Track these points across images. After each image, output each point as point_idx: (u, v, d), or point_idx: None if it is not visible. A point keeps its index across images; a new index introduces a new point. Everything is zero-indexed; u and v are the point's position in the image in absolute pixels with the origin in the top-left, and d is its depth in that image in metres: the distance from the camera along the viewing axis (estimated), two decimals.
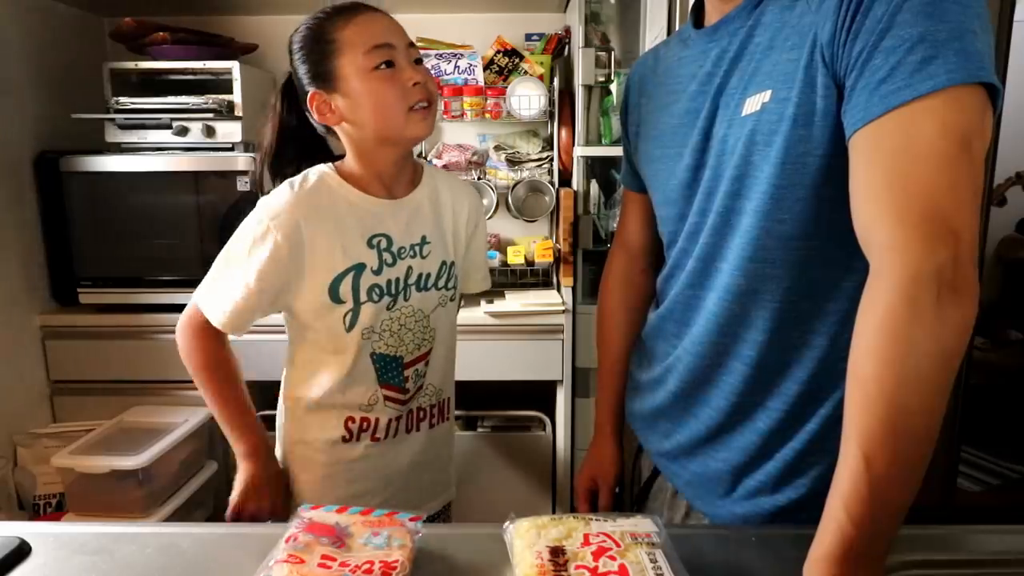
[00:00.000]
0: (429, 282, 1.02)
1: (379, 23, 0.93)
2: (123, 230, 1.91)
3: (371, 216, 0.97)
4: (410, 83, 0.92)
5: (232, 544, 0.73)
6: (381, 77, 0.91)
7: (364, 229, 0.96)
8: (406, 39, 0.95)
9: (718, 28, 0.76)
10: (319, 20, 0.94)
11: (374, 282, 0.96)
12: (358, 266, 0.95)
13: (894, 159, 0.58)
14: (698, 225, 0.79)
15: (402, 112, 0.92)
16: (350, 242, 0.94)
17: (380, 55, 0.91)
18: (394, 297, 0.98)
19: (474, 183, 2.11)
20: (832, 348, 0.70)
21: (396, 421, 1.02)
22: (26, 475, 1.85)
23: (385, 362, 0.99)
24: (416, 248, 1.00)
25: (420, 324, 1.01)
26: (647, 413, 0.92)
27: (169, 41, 1.93)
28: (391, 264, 0.97)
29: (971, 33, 0.57)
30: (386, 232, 0.97)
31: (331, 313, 0.95)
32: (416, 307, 1.00)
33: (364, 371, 0.98)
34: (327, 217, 0.93)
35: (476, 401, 2.14)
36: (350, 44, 0.91)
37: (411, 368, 1.01)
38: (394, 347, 0.99)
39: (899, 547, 0.59)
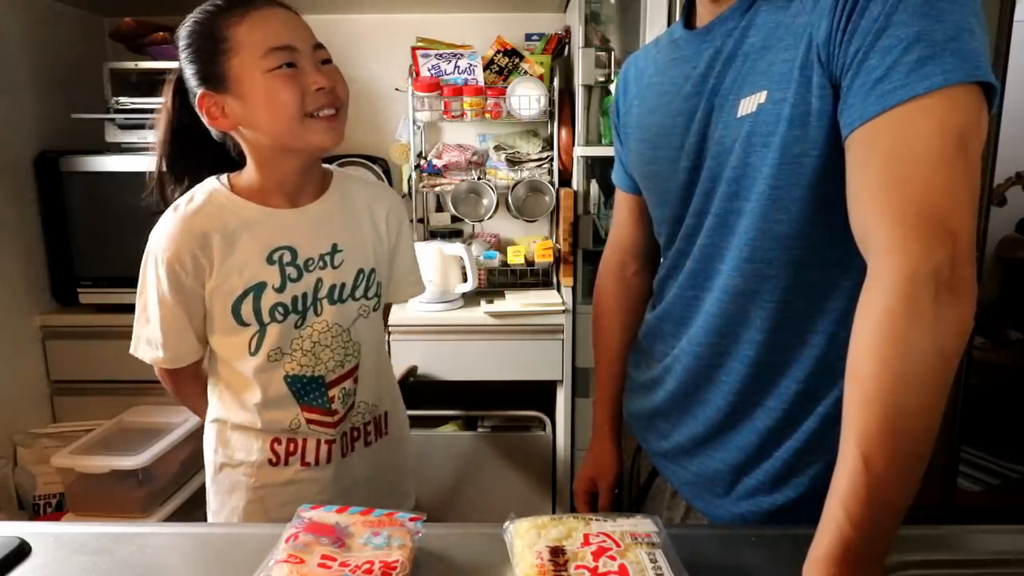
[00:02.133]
0: (344, 292, 0.94)
1: (277, 20, 0.84)
2: (123, 230, 1.90)
3: (270, 229, 0.89)
4: (313, 87, 0.83)
5: (232, 544, 0.73)
6: (279, 77, 0.82)
7: (262, 245, 0.89)
8: (311, 39, 0.87)
9: (711, 29, 0.76)
10: (209, 14, 0.84)
11: (277, 300, 0.89)
12: (257, 286, 0.88)
13: (891, 159, 0.58)
14: (695, 226, 0.79)
15: (299, 118, 0.84)
16: (246, 261, 0.88)
17: (278, 58, 0.82)
18: (302, 314, 0.91)
19: (473, 183, 2.11)
20: (830, 347, 0.70)
21: (328, 445, 0.96)
22: (26, 475, 1.85)
23: (302, 384, 0.93)
24: (326, 258, 0.92)
25: (339, 339, 0.94)
26: (645, 413, 0.92)
27: (169, 41, 1.93)
28: (295, 279, 0.90)
29: (967, 32, 0.57)
30: (289, 244, 0.90)
31: (237, 336, 0.90)
32: (332, 321, 0.93)
33: (280, 395, 0.93)
34: (218, 239, 0.87)
35: (476, 401, 2.15)
36: (245, 44, 0.82)
37: (336, 387, 0.95)
38: (310, 367, 0.93)
39: (899, 547, 0.59)
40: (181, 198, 0.90)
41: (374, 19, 2.25)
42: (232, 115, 0.86)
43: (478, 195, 2.15)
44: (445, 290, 1.95)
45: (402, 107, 2.16)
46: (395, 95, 2.21)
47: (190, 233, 0.87)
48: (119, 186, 1.87)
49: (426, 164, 2.12)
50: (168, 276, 0.87)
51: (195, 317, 0.91)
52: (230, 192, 0.90)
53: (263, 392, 0.92)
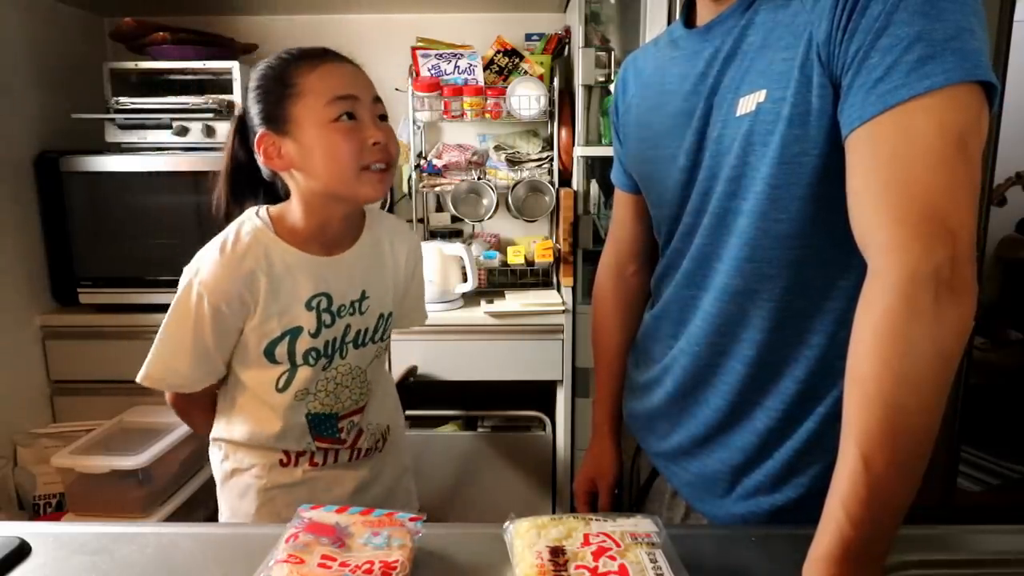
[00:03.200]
0: (367, 337, 0.98)
1: (346, 73, 0.89)
2: (123, 230, 1.91)
3: (311, 275, 0.92)
4: (370, 141, 0.87)
5: (232, 544, 0.73)
6: (339, 129, 0.86)
7: (304, 291, 0.91)
8: (372, 92, 0.90)
9: (711, 28, 0.76)
10: (283, 60, 0.89)
11: (311, 345, 0.92)
12: (294, 330, 0.91)
13: (891, 159, 0.58)
14: (693, 225, 0.79)
15: (355, 170, 0.87)
16: (287, 305, 0.91)
17: (342, 106, 0.86)
18: (330, 358, 0.94)
19: (473, 183, 2.11)
20: (830, 347, 0.70)
21: (334, 455, 0.99)
22: (26, 475, 1.84)
23: (319, 420, 0.96)
24: (356, 304, 0.96)
25: (357, 380, 0.98)
26: (645, 414, 0.92)
27: (169, 41, 1.93)
28: (329, 325, 0.93)
29: (968, 32, 0.57)
30: (326, 291, 0.93)
31: (266, 372, 0.92)
32: (353, 364, 0.97)
33: (297, 428, 0.95)
34: (264, 280, 0.89)
35: (476, 401, 2.15)
36: (312, 90, 0.86)
37: (346, 420, 0.98)
38: (329, 405, 0.96)
39: (899, 547, 0.59)
40: (227, 233, 0.91)
41: (374, 19, 2.25)
42: (287, 157, 0.88)
43: (478, 195, 2.15)
44: (445, 290, 1.95)
45: (402, 107, 2.15)
46: (395, 95, 2.21)
47: (239, 274, 0.88)
48: (119, 186, 1.87)
49: (426, 164, 2.12)
50: (212, 314, 0.89)
51: (225, 350, 0.93)
52: (273, 234, 0.91)
53: (283, 425, 0.94)
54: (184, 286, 0.90)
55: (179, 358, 0.91)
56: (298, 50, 0.90)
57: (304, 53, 0.89)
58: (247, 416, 0.96)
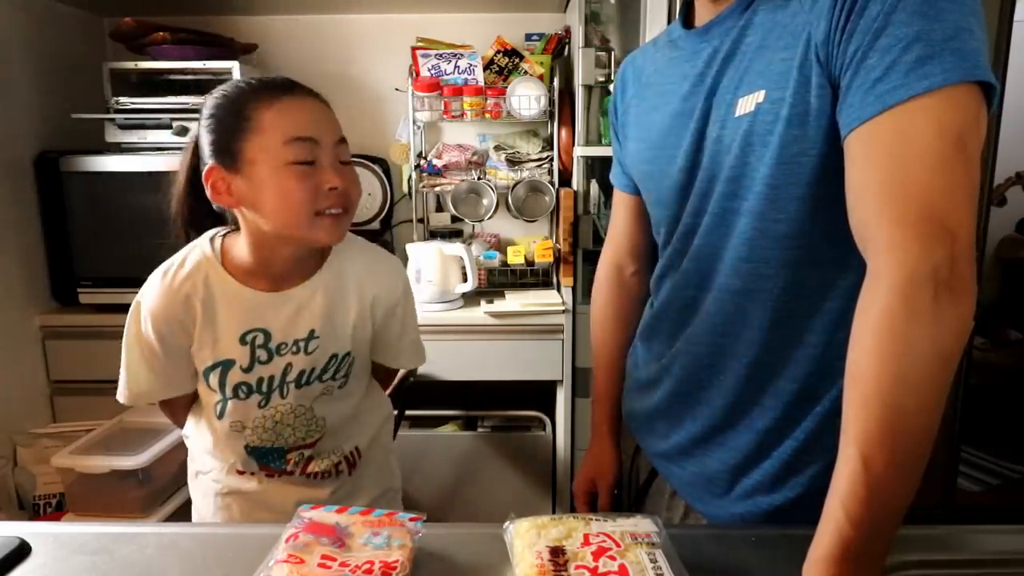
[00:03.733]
0: (312, 376, 0.93)
1: (309, 111, 0.83)
2: (123, 230, 1.91)
3: (248, 310, 0.89)
4: (326, 186, 0.82)
5: (232, 544, 0.73)
6: (294, 173, 0.80)
7: (238, 323, 0.89)
8: (336, 134, 0.85)
9: (710, 28, 0.76)
10: (240, 90, 0.83)
11: (242, 380, 0.90)
12: (225, 362, 0.89)
13: (890, 159, 0.58)
14: (693, 226, 0.79)
15: (308, 216, 0.82)
16: (221, 336, 0.89)
17: (300, 150, 0.80)
18: (266, 395, 0.91)
19: (473, 182, 2.11)
20: (828, 346, 0.70)
21: (289, 476, 0.96)
22: (26, 475, 1.85)
23: (261, 452, 0.94)
24: (300, 343, 0.91)
25: (302, 419, 0.94)
26: (644, 414, 0.92)
27: (169, 41, 1.93)
28: (265, 361, 0.90)
29: (966, 32, 0.57)
30: (264, 327, 0.89)
31: (208, 396, 0.93)
32: (295, 403, 0.93)
33: (239, 455, 0.94)
34: (199, 306, 0.88)
35: (476, 401, 2.15)
36: (269, 127, 0.80)
37: (296, 452, 0.95)
38: (270, 440, 0.94)
39: (899, 547, 0.59)
40: (173, 260, 0.91)
41: (374, 19, 2.25)
42: (237, 195, 0.84)
43: (478, 195, 2.15)
44: (445, 290, 1.95)
45: (402, 107, 2.16)
46: (395, 95, 2.21)
47: (176, 300, 0.88)
48: (119, 186, 1.87)
49: (426, 164, 2.12)
50: (156, 336, 0.89)
51: (181, 367, 0.92)
52: (218, 264, 0.90)
53: (226, 450, 0.94)
54: (132, 309, 0.91)
55: (140, 375, 0.92)
56: (258, 80, 0.84)
57: (264, 84, 0.83)
58: (203, 426, 0.96)
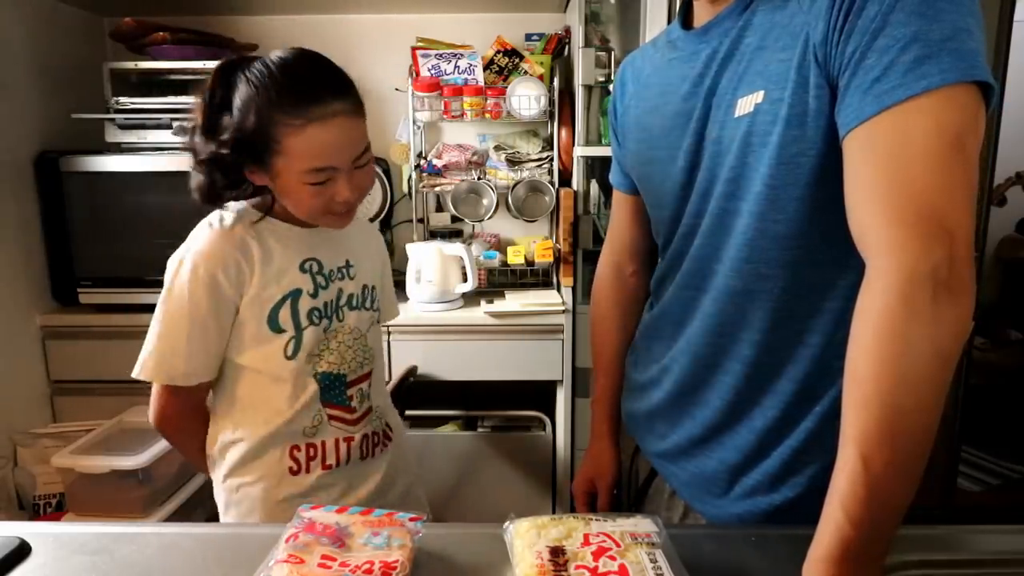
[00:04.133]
0: (358, 302, 1.01)
1: (331, 136, 0.85)
2: (123, 230, 1.91)
3: (299, 242, 0.95)
4: (338, 198, 0.89)
5: (232, 544, 0.73)
6: (309, 192, 0.88)
7: (295, 255, 0.94)
8: (358, 149, 0.88)
9: (708, 29, 0.76)
10: (277, 96, 0.82)
11: (312, 305, 0.95)
12: (295, 292, 0.93)
13: (888, 159, 0.58)
14: (693, 226, 0.79)
15: (319, 215, 0.92)
16: (283, 269, 0.93)
17: (318, 177, 0.86)
18: (330, 318, 0.97)
19: (473, 182, 2.12)
20: (828, 347, 0.70)
21: (347, 444, 0.98)
22: (26, 475, 1.85)
23: (329, 381, 0.97)
24: (343, 270, 1.00)
25: (359, 343, 1.00)
26: (644, 414, 0.92)
27: (169, 41, 1.93)
28: (324, 287, 0.96)
29: (965, 32, 0.57)
30: (315, 256, 0.96)
31: (271, 343, 0.93)
32: (353, 326, 0.99)
33: (308, 393, 0.95)
34: (256, 247, 0.92)
35: (476, 401, 2.15)
36: (294, 154, 0.85)
37: (355, 387, 0.99)
38: (336, 364, 0.97)
39: (899, 547, 0.59)
40: (211, 217, 0.94)
41: (374, 19, 2.25)
42: (261, 180, 0.90)
43: (478, 195, 2.15)
44: (445, 290, 1.95)
45: (402, 107, 2.16)
46: (395, 95, 2.21)
47: (232, 241, 0.90)
48: (119, 186, 1.87)
49: (426, 164, 2.12)
50: (208, 285, 0.89)
51: (223, 331, 0.92)
52: (259, 214, 0.94)
53: (293, 392, 0.94)
54: (175, 268, 0.90)
55: (176, 346, 0.89)
56: (287, 92, 0.83)
57: (292, 102, 0.83)
58: (251, 407, 0.95)
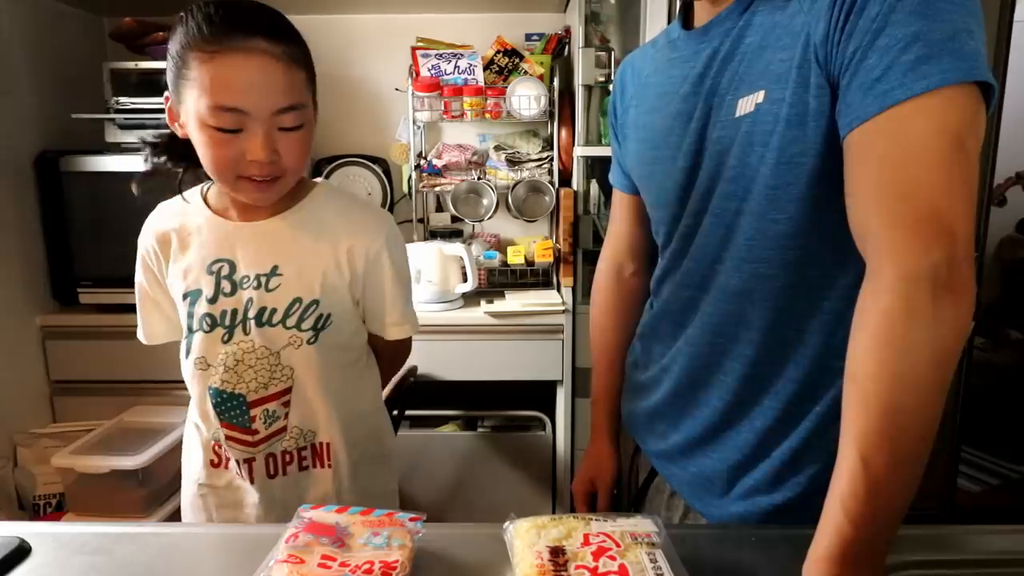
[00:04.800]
0: (274, 318, 0.89)
1: (243, 73, 0.75)
2: (123, 230, 1.88)
3: (216, 239, 0.89)
4: (248, 157, 0.78)
5: (232, 544, 0.73)
6: (213, 140, 0.77)
7: (206, 253, 0.89)
8: (279, 102, 0.77)
9: (709, 29, 0.76)
10: (192, 30, 0.76)
11: (207, 311, 0.89)
12: (194, 292, 0.90)
13: (889, 159, 0.58)
14: (693, 226, 0.79)
15: (229, 178, 0.81)
16: (192, 267, 0.90)
17: (223, 119, 0.76)
18: (229, 329, 0.89)
19: (473, 182, 2.11)
20: (828, 347, 0.70)
21: (248, 464, 0.93)
22: (26, 475, 1.85)
23: (223, 398, 0.90)
24: (262, 278, 0.88)
25: (264, 362, 0.90)
26: (643, 414, 0.92)
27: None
28: (229, 293, 0.89)
29: (965, 32, 0.57)
30: (229, 258, 0.89)
31: (178, 336, 0.96)
32: (259, 343, 0.89)
33: (204, 405, 0.92)
34: (174, 239, 0.91)
35: (476, 401, 2.15)
36: (199, 86, 0.75)
37: (259, 407, 0.91)
38: (232, 383, 0.90)
39: (899, 547, 0.59)
40: (171, 199, 0.96)
41: (374, 19, 2.25)
42: (183, 128, 0.83)
43: (478, 195, 2.15)
44: (445, 290, 1.95)
45: (402, 107, 2.16)
46: (395, 95, 2.21)
47: (155, 230, 0.94)
48: (119, 186, 1.86)
49: (426, 164, 2.12)
50: (142, 266, 0.97)
51: (163, 302, 0.98)
52: (199, 198, 0.94)
53: (196, 398, 0.95)
54: None
55: (147, 315, 1.00)
56: (208, 20, 0.75)
57: (212, 24, 0.75)
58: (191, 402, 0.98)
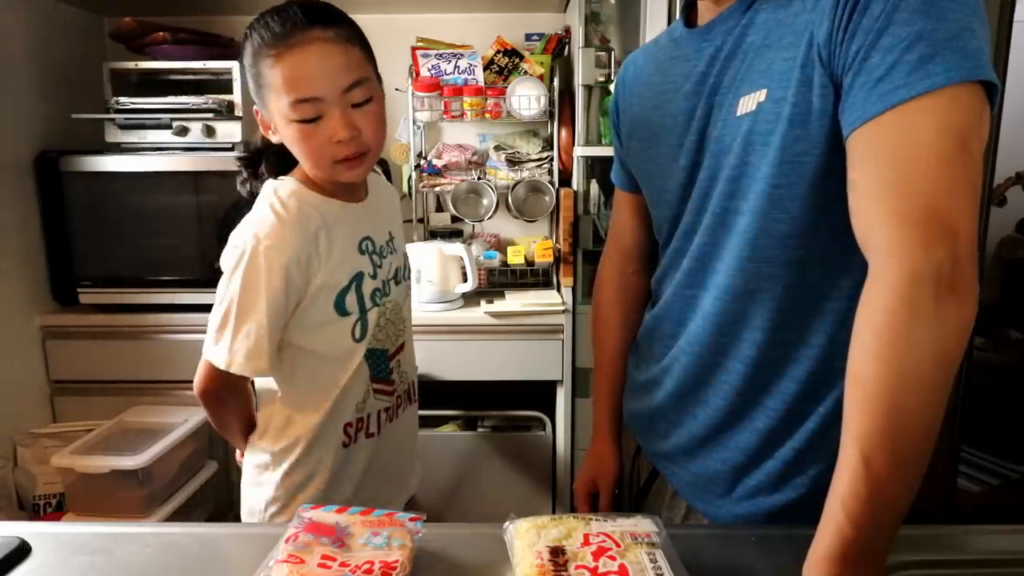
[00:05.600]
0: (401, 274, 1.04)
1: (308, 64, 0.82)
2: (123, 230, 1.91)
3: (353, 221, 0.95)
4: (334, 139, 0.84)
5: (232, 544, 0.73)
6: (300, 133, 0.84)
7: (353, 236, 0.94)
8: (345, 80, 0.83)
9: (712, 27, 0.76)
10: (256, 41, 0.84)
11: (375, 286, 0.96)
12: (358, 276, 0.93)
13: (892, 158, 0.57)
14: (694, 225, 0.79)
15: (326, 165, 0.87)
16: (345, 254, 0.92)
17: (303, 111, 0.83)
18: (388, 295, 0.99)
19: (473, 182, 2.12)
20: (830, 347, 0.70)
21: (386, 414, 1.02)
22: (26, 475, 1.85)
23: (375, 357, 0.99)
24: (389, 244, 1.01)
25: (397, 315, 1.02)
26: (645, 414, 0.92)
27: (169, 41, 1.93)
28: (380, 266, 0.97)
29: (969, 31, 0.57)
30: (368, 234, 0.96)
31: (336, 326, 0.92)
32: (395, 300, 1.01)
33: (361, 371, 0.97)
34: (323, 236, 0.90)
35: (476, 401, 2.14)
36: (275, 88, 0.83)
37: (394, 360, 1.02)
38: (382, 341, 0.99)
39: (899, 547, 0.59)
40: (269, 199, 0.89)
41: (374, 19, 2.24)
42: (278, 134, 0.90)
43: (478, 195, 2.15)
44: (445, 290, 1.95)
45: (402, 107, 2.15)
46: (395, 95, 2.20)
47: (304, 233, 0.87)
48: (119, 186, 1.87)
49: (426, 164, 2.12)
50: (283, 279, 0.86)
51: (285, 317, 0.90)
52: (311, 191, 0.91)
53: (354, 373, 0.95)
54: (246, 259, 0.85)
55: (260, 336, 0.86)
56: (267, 28, 0.83)
57: (275, 33, 0.82)
58: (311, 390, 0.94)
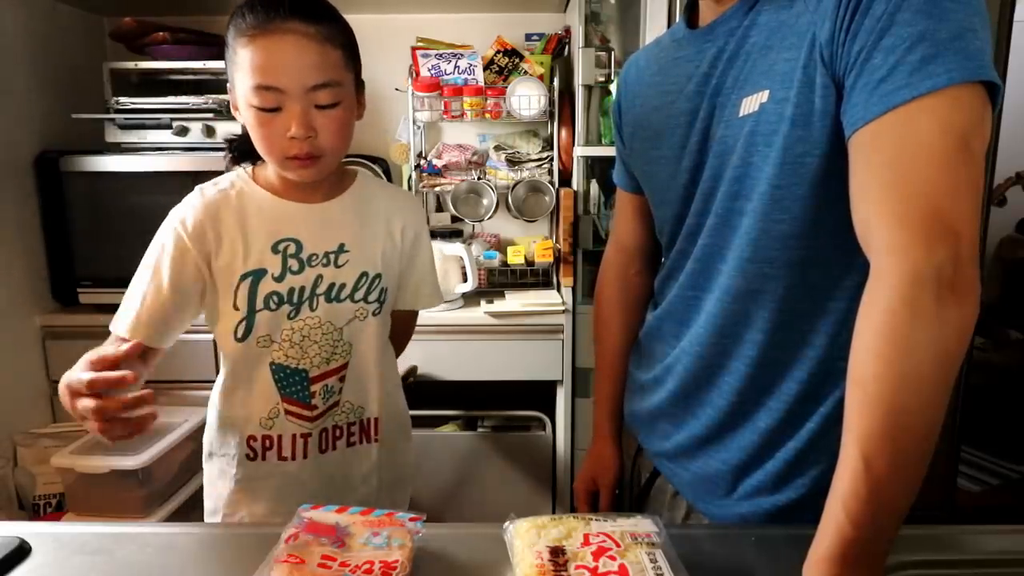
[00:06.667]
0: (343, 293, 0.95)
1: (280, 53, 0.81)
2: (124, 230, 1.90)
3: (280, 219, 0.92)
4: (287, 135, 0.83)
5: (232, 544, 0.73)
6: (256, 119, 0.84)
7: (271, 234, 0.91)
8: (313, 79, 0.82)
9: (714, 28, 0.76)
10: (241, 16, 0.83)
11: (273, 289, 0.91)
12: (257, 271, 0.90)
13: (894, 159, 0.57)
14: (696, 226, 0.79)
15: (277, 158, 0.87)
16: (253, 246, 0.90)
17: (264, 98, 0.82)
18: (296, 306, 0.92)
19: (473, 182, 2.11)
20: (832, 347, 0.70)
21: (304, 439, 0.96)
22: (26, 475, 1.84)
23: (285, 374, 0.94)
24: (331, 256, 0.94)
25: (328, 337, 0.95)
26: (646, 414, 0.92)
27: (169, 41, 1.93)
28: (296, 271, 0.92)
29: (971, 32, 0.57)
30: (295, 237, 0.92)
31: (226, 320, 0.92)
32: (324, 319, 0.94)
33: (264, 383, 0.94)
34: (233, 220, 0.90)
35: (476, 401, 2.15)
36: (243, 69, 0.82)
37: (319, 383, 0.95)
38: (295, 359, 0.94)
39: (899, 547, 0.59)
40: (208, 182, 0.94)
41: (374, 19, 2.25)
42: (239, 114, 0.89)
43: (478, 195, 2.15)
44: (445, 290, 1.92)
45: (402, 107, 2.15)
46: (395, 95, 2.21)
47: (205, 208, 0.90)
48: (119, 186, 1.87)
49: (426, 164, 2.12)
50: (175, 243, 0.89)
51: (184, 296, 0.90)
52: (250, 180, 0.94)
53: (248, 380, 0.94)
54: (161, 228, 0.92)
55: (144, 303, 0.89)
56: (251, 9, 0.82)
57: (251, 18, 0.81)
58: (225, 381, 0.96)
